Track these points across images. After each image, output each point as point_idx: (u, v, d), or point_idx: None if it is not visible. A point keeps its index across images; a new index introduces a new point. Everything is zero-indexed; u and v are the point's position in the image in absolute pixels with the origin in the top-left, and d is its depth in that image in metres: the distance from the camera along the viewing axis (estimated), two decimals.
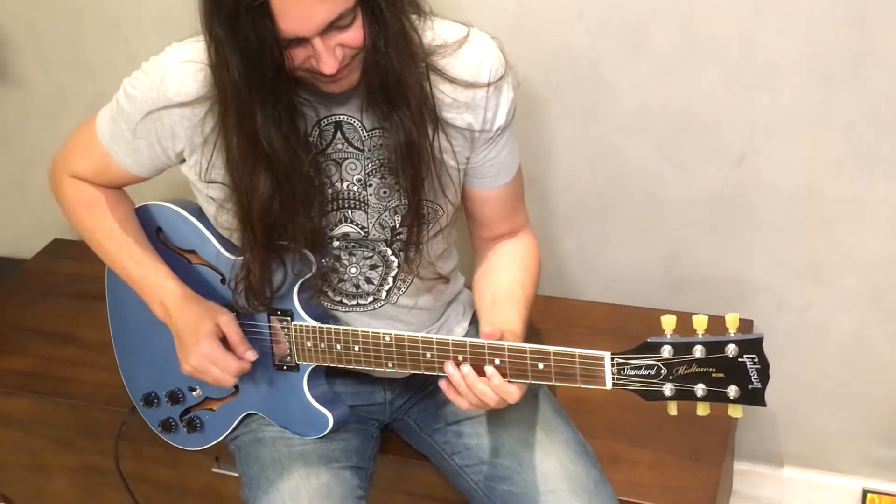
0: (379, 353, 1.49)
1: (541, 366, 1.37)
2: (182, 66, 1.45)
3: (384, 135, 1.45)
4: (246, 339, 1.57)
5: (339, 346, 1.52)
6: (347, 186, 1.51)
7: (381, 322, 1.60)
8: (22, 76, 2.34)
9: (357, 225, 1.53)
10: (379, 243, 1.55)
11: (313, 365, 1.57)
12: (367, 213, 1.52)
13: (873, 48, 1.76)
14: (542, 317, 2.04)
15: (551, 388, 1.72)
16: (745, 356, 1.25)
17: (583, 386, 1.36)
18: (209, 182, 1.50)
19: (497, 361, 1.38)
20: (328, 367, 1.59)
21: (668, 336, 1.30)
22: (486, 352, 1.39)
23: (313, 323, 1.54)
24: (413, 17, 1.42)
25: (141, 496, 1.95)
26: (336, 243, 1.55)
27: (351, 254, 1.56)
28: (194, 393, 1.70)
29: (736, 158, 1.93)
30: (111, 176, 1.60)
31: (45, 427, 2.04)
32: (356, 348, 1.50)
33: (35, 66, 2.32)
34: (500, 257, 1.62)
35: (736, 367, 1.26)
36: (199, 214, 1.62)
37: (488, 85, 1.47)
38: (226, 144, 1.42)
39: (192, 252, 1.64)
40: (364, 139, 1.48)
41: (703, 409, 1.31)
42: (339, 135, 1.48)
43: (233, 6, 1.26)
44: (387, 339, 1.47)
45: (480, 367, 1.40)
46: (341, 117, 1.47)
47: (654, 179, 2.00)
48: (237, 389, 1.66)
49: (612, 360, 1.33)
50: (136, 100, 1.49)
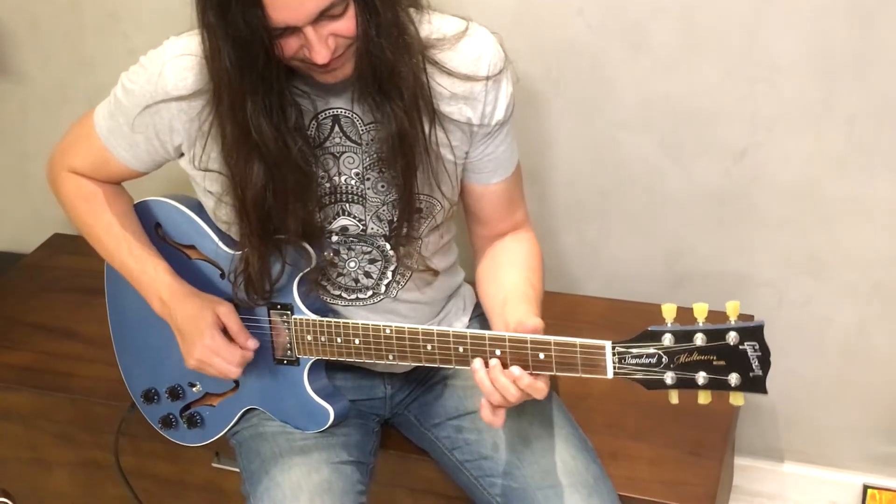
0: (379, 345, 1.49)
1: (541, 356, 1.36)
2: (180, 60, 1.44)
3: (380, 130, 1.45)
4: (246, 332, 1.56)
5: (339, 340, 1.52)
6: (345, 180, 1.51)
7: (380, 316, 1.60)
8: (22, 70, 2.34)
9: (355, 218, 1.53)
10: (377, 238, 1.54)
11: (313, 359, 1.57)
12: (364, 206, 1.52)
13: (875, 43, 1.76)
14: (543, 312, 2.01)
15: (552, 383, 1.72)
16: (745, 343, 1.25)
17: (584, 376, 1.35)
18: (206, 171, 1.49)
19: (498, 352, 1.38)
20: (328, 361, 1.59)
21: (669, 324, 1.29)
22: (487, 343, 1.39)
23: (313, 316, 1.54)
24: (410, 10, 1.41)
25: (141, 491, 1.95)
26: (334, 237, 1.54)
27: (350, 248, 1.55)
28: (194, 389, 1.70)
29: (737, 153, 1.92)
30: (109, 171, 1.60)
31: (45, 422, 2.04)
32: (356, 341, 1.50)
33: (35, 60, 2.32)
34: (505, 256, 1.61)
35: (737, 355, 1.26)
36: (198, 210, 1.62)
37: (487, 79, 1.47)
38: (221, 133, 1.42)
39: (192, 247, 1.64)
40: (362, 133, 1.48)
41: (704, 397, 1.31)
42: (336, 128, 1.48)
43: None
44: (387, 331, 1.47)
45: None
46: (339, 111, 1.47)
47: (655, 174, 1.99)
48: (237, 384, 1.66)
49: (613, 348, 1.32)
50: (134, 94, 1.49)
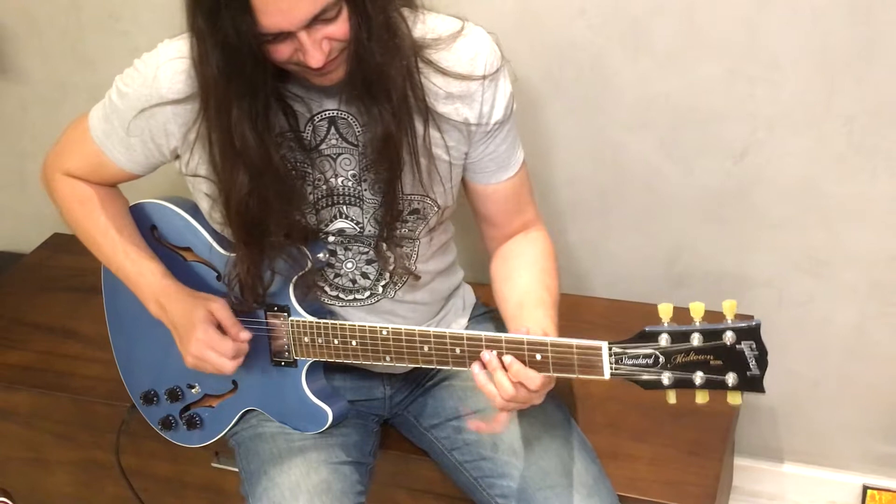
0: (377, 347, 1.48)
1: (538, 357, 1.36)
2: (174, 63, 1.44)
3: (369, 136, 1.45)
4: (239, 325, 1.55)
5: (336, 341, 1.52)
6: (342, 182, 1.50)
7: (378, 317, 1.60)
8: (21, 69, 2.34)
9: (352, 221, 1.52)
10: (374, 239, 1.54)
11: (311, 360, 1.57)
12: (361, 208, 1.52)
13: (876, 42, 1.76)
14: None
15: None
16: (742, 343, 1.25)
17: (581, 377, 1.35)
18: (194, 176, 1.49)
19: (495, 353, 1.38)
20: (327, 362, 1.59)
21: (666, 324, 1.29)
22: (484, 344, 1.39)
23: (310, 318, 1.54)
24: (404, 10, 1.41)
25: (141, 491, 1.95)
26: (331, 239, 1.54)
27: (346, 249, 1.55)
28: (193, 390, 1.70)
29: (738, 153, 1.92)
30: (105, 173, 1.60)
31: (46, 421, 2.04)
32: (354, 343, 1.50)
33: (34, 58, 2.32)
34: (517, 258, 1.60)
35: (734, 354, 1.26)
36: (194, 212, 1.62)
37: (483, 78, 1.46)
38: (207, 139, 1.42)
39: (188, 249, 1.63)
40: (358, 134, 1.47)
41: (701, 397, 1.31)
42: (333, 130, 1.47)
43: (213, 0, 1.26)
44: (384, 333, 1.47)
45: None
46: (335, 112, 1.46)
47: (656, 174, 1.99)
48: (236, 386, 1.66)
49: (610, 349, 1.32)
50: (129, 97, 1.48)
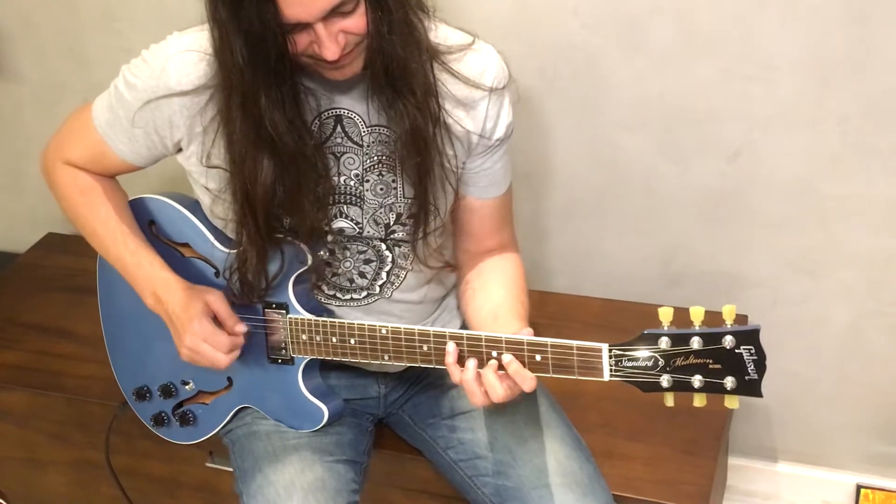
0: (375, 345, 1.48)
1: (538, 358, 1.36)
2: (184, 56, 1.44)
3: (386, 131, 1.45)
4: (235, 317, 1.55)
5: (334, 339, 1.52)
6: (344, 181, 1.51)
7: (374, 317, 1.59)
8: (17, 69, 2.33)
9: (352, 220, 1.53)
10: (373, 238, 1.54)
11: (308, 358, 1.57)
12: (362, 209, 1.52)
13: (870, 42, 1.76)
14: (538, 311, 2.02)
15: (546, 383, 1.71)
16: (741, 347, 1.26)
17: (580, 378, 1.35)
18: (209, 167, 1.49)
19: (494, 354, 1.38)
20: (322, 360, 1.59)
21: (666, 328, 1.30)
22: (484, 344, 1.39)
23: (308, 316, 1.54)
24: (419, 13, 1.41)
25: (135, 491, 1.95)
26: (330, 237, 1.54)
27: (345, 248, 1.55)
28: (187, 387, 1.70)
29: (733, 152, 1.92)
30: (106, 164, 1.60)
31: (39, 421, 2.04)
32: (352, 341, 1.50)
33: (30, 58, 2.31)
34: (492, 273, 1.61)
35: (733, 359, 1.27)
36: (193, 207, 1.62)
37: (490, 90, 1.48)
38: (228, 130, 1.42)
39: (186, 245, 1.63)
40: (364, 134, 1.48)
41: (699, 400, 1.32)
42: (338, 128, 1.48)
43: None
44: (383, 331, 1.47)
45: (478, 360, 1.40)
46: (342, 111, 1.47)
47: (651, 174, 1.99)
48: (231, 383, 1.65)
49: (610, 351, 1.33)
50: (137, 88, 1.48)
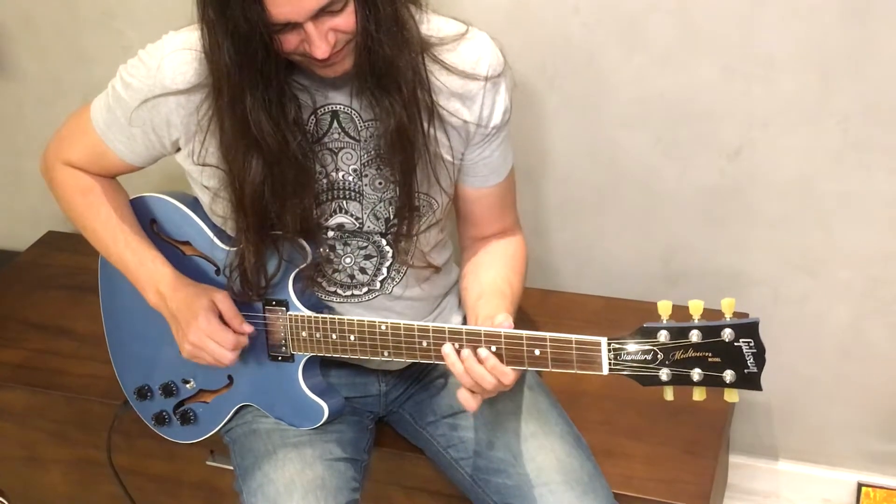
0: (375, 342, 1.48)
1: (537, 352, 1.36)
2: (179, 55, 1.44)
3: (379, 127, 1.45)
4: (241, 317, 1.56)
5: (334, 336, 1.52)
6: (343, 176, 1.51)
7: (375, 314, 1.59)
8: (16, 67, 2.33)
9: (351, 216, 1.53)
10: (373, 234, 1.54)
11: (308, 355, 1.57)
12: (361, 203, 1.52)
13: (870, 41, 1.76)
14: (537, 309, 2.04)
15: (546, 381, 1.72)
16: (741, 340, 1.26)
17: (579, 372, 1.35)
18: (203, 165, 1.49)
19: (493, 348, 1.38)
20: (323, 358, 1.59)
21: (665, 321, 1.30)
22: (483, 339, 1.39)
23: (308, 313, 1.54)
24: (410, 6, 1.41)
25: (135, 489, 1.95)
26: (330, 234, 1.54)
27: (345, 244, 1.55)
28: (188, 385, 1.70)
29: (733, 151, 1.92)
30: (105, 164, 1.60)
31: (39, 420, 2.04)
32: (352, 338, 1.50)
33: (29, 56, 2.31)
34: (488, 255, 1.62)
35: (732, 352, 1.27)
36: (194, 206, 1.62)
37: (486, 79, 1.47)
38: (219, 128, 1.42)
39: (187, 243, 1.63)
40: (360, 129, 1.48)
41: (699, 394, 1.31)
42: (335, 124, 1.48)
43: None
44: (383, 327, 1.47)
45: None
46: (338, 106, 1.47)
47: (651, 172, 1.99)
48: (231, 381, 1.65)
49: (609, 345, 1.32)
50: (133, 88, 1.49)
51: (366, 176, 1.50)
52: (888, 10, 1.73)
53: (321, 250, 1.54)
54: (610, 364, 1.33)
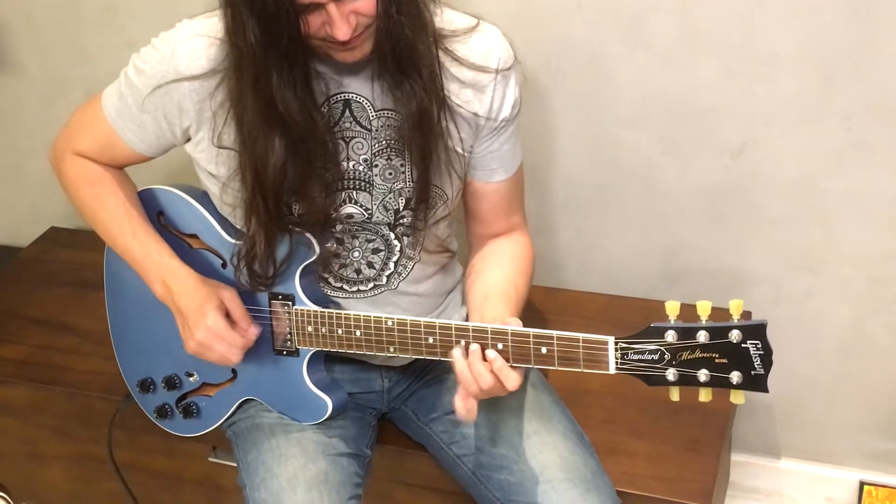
0: (381, 337, 1.48)
1: (544, 350, 1.36)
2: (193, 40, 1.45)
3: (393, 114, 1.46)
4: (249, 317, 1.56)
5: (340, 331, 1.52)
6: (353, 166, 1.51)
7: (379, 309, 1.59)
8: (18, 63, 2.33)
9: (361, 206, 1.53)
10: (382, 226, 1.54)
11: (313, 350, 1.57)
12: (371, 194, 1.52)
13: (873, 39, 1.76)
14: (540, 307, 2.04)
15: (549, 378, 1.72)
16: (748, 342, 1.26)
17: (585, 371, 1.35)
18: (220, 147, 1.49)
19: (500, 346, 1.38)
20: (327, 353, 1.59)
21: (672, 321, 1.30)
22: (490, 336, 1.39)
23: (315, 307, 1.54)
24: None
25: (137, 485, 1.95)
26: (339, 226, 1.54)
27: (353, 237, 1.55)
28: (191, 378, 1.70)
29: (735, 149, 1.93)
30: (115, 153, 1.60)
31: (41, 416, 2.03)
32: (358, 333, 1.50)
33: (31, 52, 2.31)
34: (494, 255, 1.62)
35: (739, 353, 1.27)
36: (202, 199, 1.62)
37: (496, 72, 1.48)
38: (239, 111, 1.42)
39: (194, 236, 1.63)
40: (372, 119, 1.48)
41: (705, 395, 1.31)
42: (347, 113, 1.48)
43: None
44: (389, 323, 1.47)
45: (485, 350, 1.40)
46: (351, 95, 1.47)
47: (653, 170, 2.00)
48: (235, 374, 1.65)
49: (616, 344, 1.32)
50: (146, 74, 1.49)
51: (376, 166, 1.51)
52: (889, 9, 1.73)
53: (329, 245, 1.55)
54: (617, 363, 1.33)
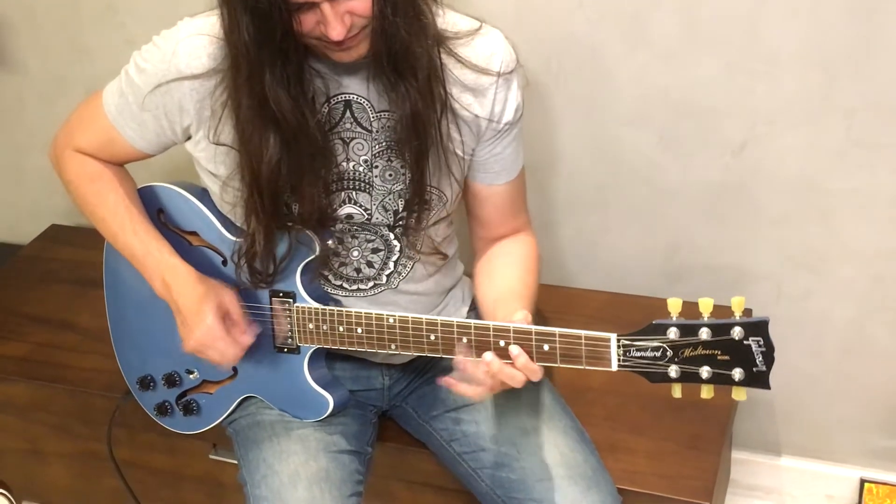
0: (382, 335, 1.48)
1: (546, 347, 1.36)
2: (194, 39, 1.45)
3: (392, 116, 1.46)
4: (247, 318, 1.56)
5: (341, 328, 1.52)
6: (353, 166, 1.51)
7: (380, 308, 1.58)
8: (18, 61, 2.33)
9: (361, 206, 1.53)
10: (381, 227, 1.54)
11: (314, 347, 1.57)
12: (371, 195, 1.52)
13: (875, 37, 1.76)
14: (542, 305, 2.02)
15: (551, 376, 1.72)
16: (750, 339, 1.26)
17: (587, 368, 1.35)
18: (218, 144, 1.49)
19: (502, 343, 1.38)
20: (328, 350, 1.59)
21: (674, 318, 1.30)
22: (492, 333, 1.39)
23: (315, 304, 1.54)
24: None
25: (137, 483, 1.94)
26: (339, 226, 1.54)
27: (353, 237, 1.55)
28: (191, 376, 1.70)
29: (736, 147, 1.93)
30: (115, 150, 1.60)
31: (42, 413, 2.03)
32: (359, 330, 1.50)
33: (32, 50, 2.31)
34: (502, 257, 1.62)
35: (741, 350, 1.27)
36: (202, 196, 1.62)
37: (498, 75, 1.48)
38: (236, 107, 1.42)
39: (194, 234, 1.63)
40: (372, 120, 1.48)
41: (707, 392, 1.31)
42: (348, 113, 1.48)
43: None
44: (390, 320, 1.47)
45: (485, 350, 1.40)
46: (351, 96, 1.47)
47: (655, 168, 1.99)
48: (236, 372, 1.65)
49: (619, 341, 1.32)
50: (147, 72, 1.49)
51: (376, 167, 1.51)
52: (891, 7, 1.73)
53: (329, 242, 1.54)
54: (619, 360, 1.33)
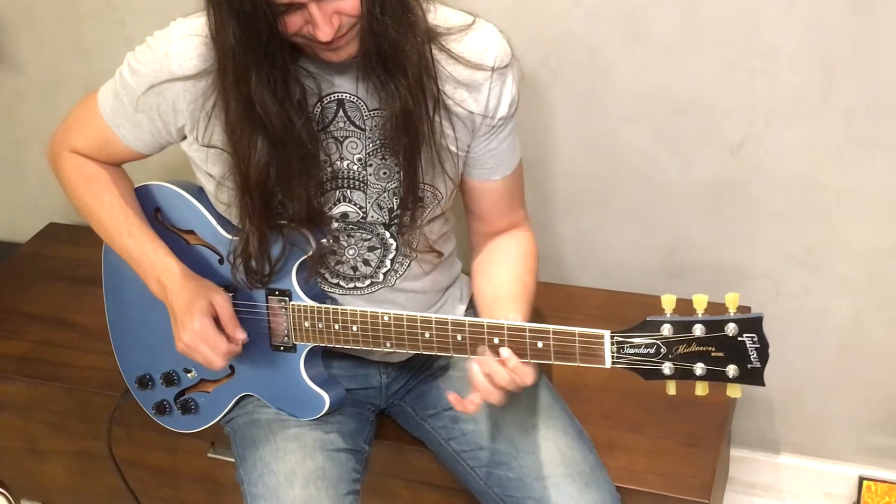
0: (377, 332, 1.48)
1: (540, 345, 1.36)
2: (186, 40, 1.45)
3: (384, 114, 1.45)
4: (238, 320, 1.56)
5: (336, 326, 1.52)
6: (347, 165, 1.51)
7: (377, 306, 1.58)
8: (17, 58, 2.33)
9: (355, 205, 1.53)
10: (377, 225, 1.54)
11: (311, 345, 1.57)
12: (365, 193, 1.52)
13: (874, 34, 1.76)
14: (540, 302, 2.02)
15: (548, 374, 1.72)
16: (744, 335, 1.26)
17: (581, 365, 1.35)
18: (209, 147, 1.49)
19: (496, 340, 1.38)
20: (324, 349, 1.59)
21: (668, 315, 1.30)
22: (486, 331, 1.39)
23: (311, 303, 1.54)
24: None
25: (136, 481, 1.94)
26: (335, 224, 1.54)
27: (349, 235, 1.55)
28: (189, 375, 1.70)
29: (735, 144, 1.92)
30: (111, 151, 1.60)
31: (41, 411, 2.04)
32: (354, 328, 1.50)
33: (30, 47, 2.31)
34: (500, 254, 1.62)
35: (735, 347, 1.26)
36: (198, 195, 1.62)
37: (493, 70, 1.47)
38: (224, 109, 1.43)
39: (191, 232, 1.63)
40: (365, 118, 1.48)
41: (701, 389, 1.31)
42: (341, 112, 1.48)
43: None
44: (385, 318, 1.47)
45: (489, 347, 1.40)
46: (343, 95, 1.47)
47: (653, 165, 1.99)
48: (233, 371, 1.65)
49: (612, 338, 1.32)
50: (140, 74, 1.49)
51: (370, 165, 1.50)
52: (890, 4, 1.73)
53: (324, 241, 1.54)
54: (613, 357, 1.33)
